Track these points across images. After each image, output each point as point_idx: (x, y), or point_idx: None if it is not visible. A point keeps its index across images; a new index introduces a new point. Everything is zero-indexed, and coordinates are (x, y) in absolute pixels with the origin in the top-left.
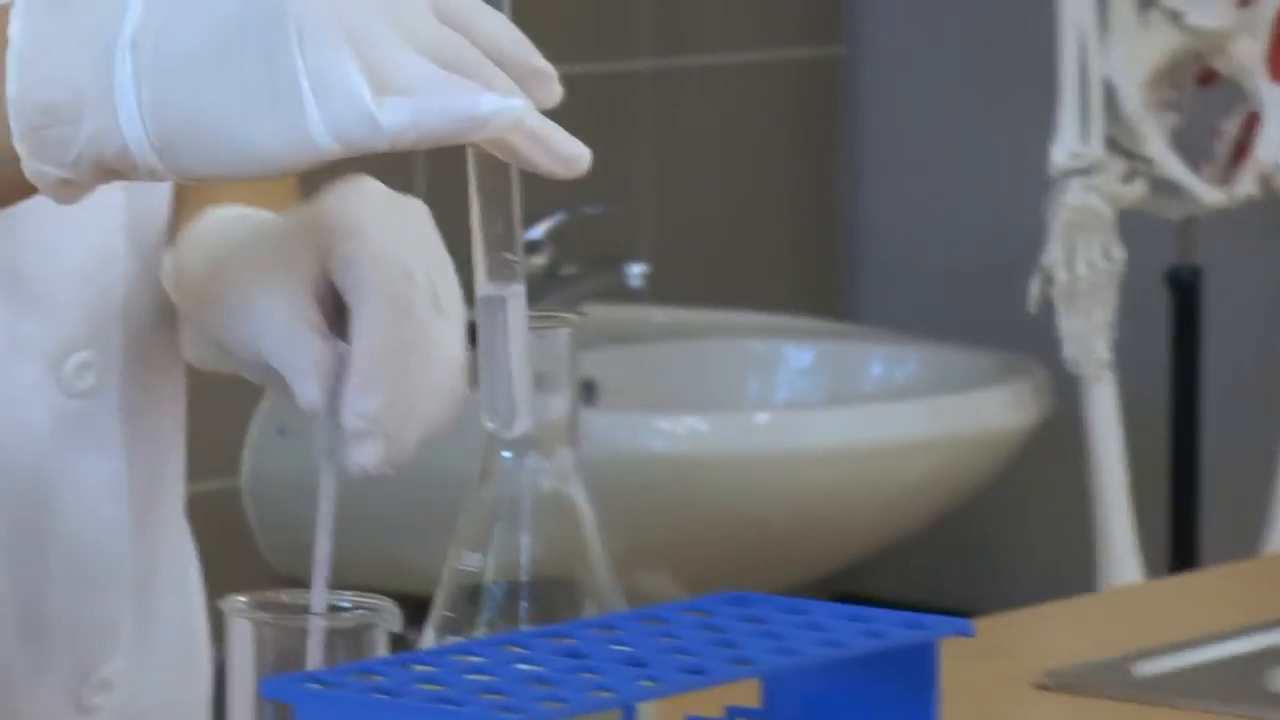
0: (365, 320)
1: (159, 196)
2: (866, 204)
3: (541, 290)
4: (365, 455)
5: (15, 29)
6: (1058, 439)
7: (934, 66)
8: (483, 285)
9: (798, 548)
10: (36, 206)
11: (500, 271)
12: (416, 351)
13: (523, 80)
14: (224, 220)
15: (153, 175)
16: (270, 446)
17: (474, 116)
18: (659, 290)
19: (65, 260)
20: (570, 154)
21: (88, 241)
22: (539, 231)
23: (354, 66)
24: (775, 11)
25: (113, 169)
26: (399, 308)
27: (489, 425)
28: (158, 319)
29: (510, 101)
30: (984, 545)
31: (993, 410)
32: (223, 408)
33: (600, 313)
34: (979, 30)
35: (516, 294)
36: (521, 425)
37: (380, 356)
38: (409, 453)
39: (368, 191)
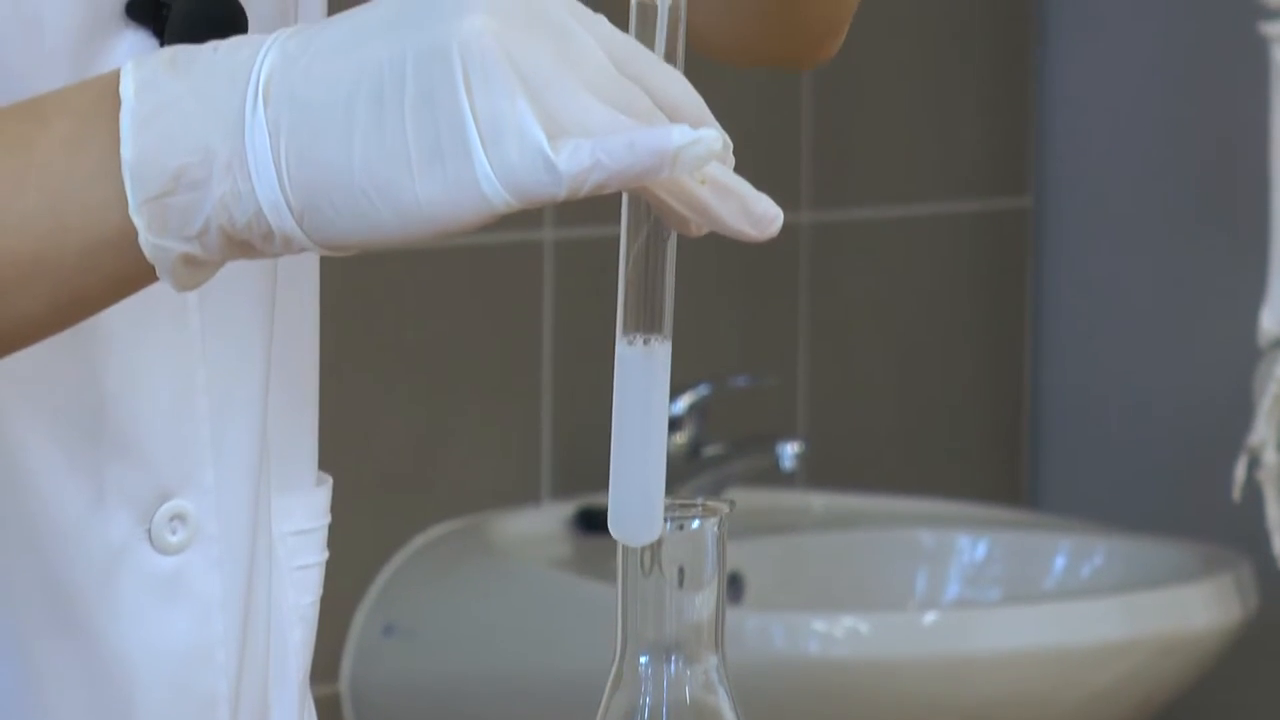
0: None
1: (234, 316)
2: (1051, 376)
3: (683, 473)
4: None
5: (128, 87)
6: (1265, 642)
7: (1129, 221)
8: (620, 341)
9: None
10: (115, 325)
11: (643, 324)
12: None
13: None
14: None
15: (287, 246)
16: (375, 648)
17: (664, 150)
18: (815, 473)
19: (146, 390)
20: (763, 213)
21: (168, 368)
22: (680, 406)
23: (527, 109)
24: (951, 158)
25: (243, 240)
26: None
27: (615, 533)
28: (255, 458)
29: (705, 132)
30: None
31: (1192, 609)
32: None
33: (749, 498)
34: (1182, 182)
35: (662, 352)
36: (654, 533)
37: None
38: None
39: None
